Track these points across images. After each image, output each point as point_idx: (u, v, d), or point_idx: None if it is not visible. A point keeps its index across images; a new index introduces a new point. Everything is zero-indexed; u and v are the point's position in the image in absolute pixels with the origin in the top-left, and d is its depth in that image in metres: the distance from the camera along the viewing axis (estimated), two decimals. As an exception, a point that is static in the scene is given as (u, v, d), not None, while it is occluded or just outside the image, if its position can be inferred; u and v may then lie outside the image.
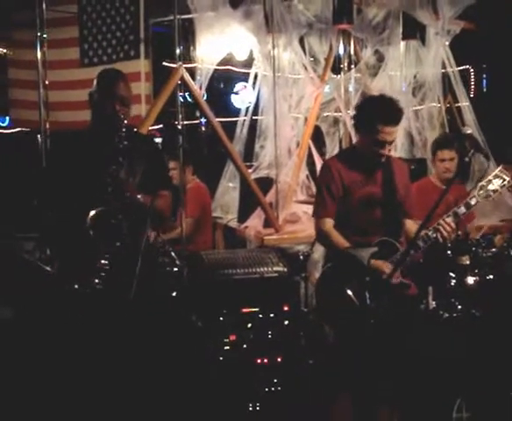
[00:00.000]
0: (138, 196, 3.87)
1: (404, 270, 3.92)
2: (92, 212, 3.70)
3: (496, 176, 3.94)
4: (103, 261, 3.72)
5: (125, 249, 3.72)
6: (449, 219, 3.91)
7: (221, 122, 6.40)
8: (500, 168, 3.96)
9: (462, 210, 3.94)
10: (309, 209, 5.66)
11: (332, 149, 7.40)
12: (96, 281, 3.71)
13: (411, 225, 4.21)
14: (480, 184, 3.95)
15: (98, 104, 4.01)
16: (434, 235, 3.91)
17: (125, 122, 3.85)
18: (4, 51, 6.55)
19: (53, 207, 4.09)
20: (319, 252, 5.83)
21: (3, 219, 6.27)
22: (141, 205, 3.85)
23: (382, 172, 4.12)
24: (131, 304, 3.53)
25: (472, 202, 3.95)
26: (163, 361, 4.44)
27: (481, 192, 3.94)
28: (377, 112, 4.00)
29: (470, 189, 6.09)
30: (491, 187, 3.93)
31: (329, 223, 4.10)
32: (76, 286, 3.79)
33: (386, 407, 4.07)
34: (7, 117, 7.81)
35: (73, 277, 3.82)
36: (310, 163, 7.08)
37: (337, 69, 7.28)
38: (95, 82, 4.07)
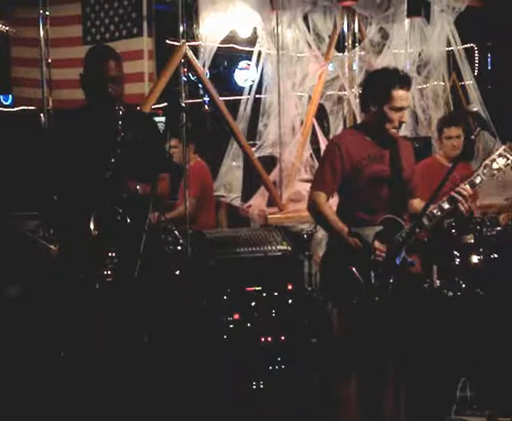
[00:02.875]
0: (137, 187, 3.78)
1: (409, 248, 3.90)
2: (93, 214, 3.62)
3: (500, 155, 3.92)
4: (110, 254, 3.66)
5: (131, 237, 3.66)
6: (467, 186, 3.89)
7: (224, 100, 6.37)
8: (504, 147, 3.93)
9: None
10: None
11: (336, 127, 7.36)
12: (105, 273, 3.65)
13: (419, 204, 4.18)
14: (485, 163, 3.93)
15: (90, 85, 3.90)
16: (439, 213, 3.89)
17: (119, 105, 3.71)
18: (7, 29, 6.52)
19: (56, 191, 4.05)
20: (323, 231, 5.82)
21: (7, 198, 6.27)
22: (139, 195, 3.78)
23: (390, 150, 4.09)
24: (136, 284, 3.51)
25: (477, 180, 3.93)
26: (167, 340, 4.46)
27: (486, 171, 3.91)
28: (390, 78, 4.02)
29: (475, 168, 6.07)
30: (495, 166, 3.91)
31: (323, 197, 4.07)
32: (82, 276, 3.75)
33: (390, 385, 4.07)
34: (10, 96, 7.78)
35: (80, 266, 3.78)
36: (314, 142, 7.05)
37: (341, 47, 7.25)
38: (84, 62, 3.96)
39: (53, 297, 4.35)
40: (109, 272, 3.64)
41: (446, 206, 3.90)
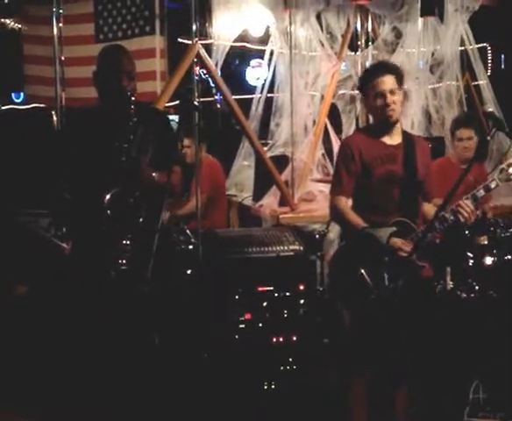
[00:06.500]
0: (154, 174, 3.83)
1: (419, 252, 3.87)
2: (108, 195, 3.65)
3: (517, 160, 3.88)
4: (124, 242, 3.68)
5: (145, 227, 3.68)
6: (468, 201, 3.84)
7: (236, 99, 6.35)
8: None
9: (481, 192, 3.87)
10: (325, 187, 5.63)
11: (349, 127, 7.33)
12: (121, 261, 3.66)
13: (429, 208, 4.14)
14: (501, 167, 3.88)
15: (104, 82, 3.92)
16: (452, 217, 3.84)
17: (133, 98, 3.78)
18: (20, 26, 6.54)
19: (68, 187, 4.05)
20: (335, 231, 5.79)
21: (19, 196, 6.28)
22: (155, 183, 3.82)
23: (404, 150, 4.06)
24: (149, 282, 3.51)
25: (492, 185, 3.88)
26: (178, 340, 4.46)
27: (501, 175, 3.87)
28: (368, 69, 4.37)
29: (489, 169, 6.03)
30: (511, 170, 3.87)
31: (344, 201, 4.06)
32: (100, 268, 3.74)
33: (402, 388, 4.05)
34: (22, 93, 7.81)
35: (95, 259, 3.78)
36: (326, 141, 7.03)
37: (354, 46, 7.23)
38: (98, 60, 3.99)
39: (64, 295, 4.35)
40: (124, 260, 3.65)
41: (451, 218, 3.86)
